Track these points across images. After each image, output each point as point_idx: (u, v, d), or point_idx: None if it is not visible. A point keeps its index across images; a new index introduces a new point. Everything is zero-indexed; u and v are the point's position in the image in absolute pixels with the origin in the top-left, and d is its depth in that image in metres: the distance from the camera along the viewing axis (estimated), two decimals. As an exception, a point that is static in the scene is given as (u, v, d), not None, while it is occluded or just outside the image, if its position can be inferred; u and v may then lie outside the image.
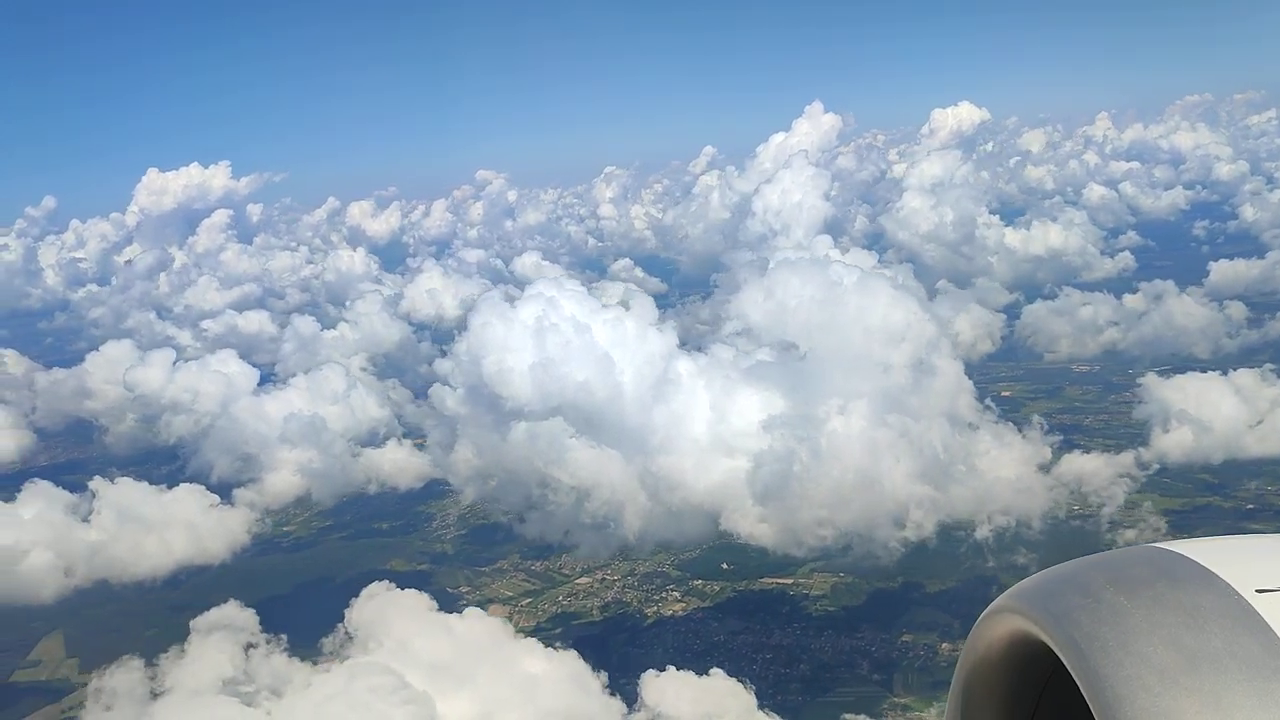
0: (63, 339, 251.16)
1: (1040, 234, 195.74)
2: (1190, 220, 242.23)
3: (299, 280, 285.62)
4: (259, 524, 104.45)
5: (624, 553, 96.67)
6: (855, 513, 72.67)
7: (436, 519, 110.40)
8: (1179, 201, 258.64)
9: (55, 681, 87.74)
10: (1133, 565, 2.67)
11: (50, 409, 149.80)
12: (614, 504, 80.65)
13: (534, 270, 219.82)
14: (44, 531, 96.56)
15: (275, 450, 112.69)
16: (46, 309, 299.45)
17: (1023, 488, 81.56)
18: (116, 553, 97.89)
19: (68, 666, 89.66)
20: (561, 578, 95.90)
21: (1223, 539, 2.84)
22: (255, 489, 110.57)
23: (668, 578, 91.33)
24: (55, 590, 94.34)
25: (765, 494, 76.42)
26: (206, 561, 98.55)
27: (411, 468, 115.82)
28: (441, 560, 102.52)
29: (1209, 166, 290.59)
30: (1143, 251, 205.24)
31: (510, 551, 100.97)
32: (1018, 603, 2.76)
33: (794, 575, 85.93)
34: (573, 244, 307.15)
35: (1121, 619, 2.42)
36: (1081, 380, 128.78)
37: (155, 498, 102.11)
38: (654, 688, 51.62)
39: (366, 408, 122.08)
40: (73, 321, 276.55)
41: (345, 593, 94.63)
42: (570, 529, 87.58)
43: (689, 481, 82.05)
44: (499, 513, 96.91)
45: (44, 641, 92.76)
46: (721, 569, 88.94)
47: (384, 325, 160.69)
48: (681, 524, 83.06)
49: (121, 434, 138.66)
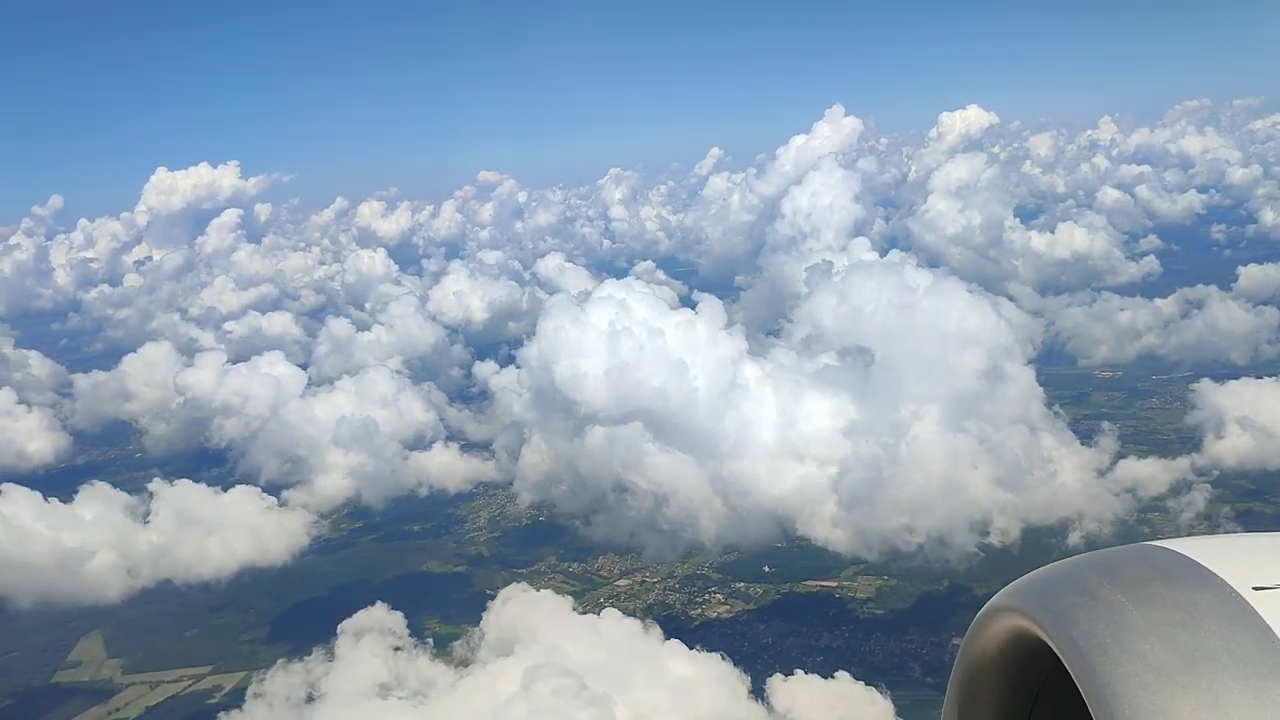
0: (78, 340, 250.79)
1: (1065, 237, 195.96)
2: (1206, 224, 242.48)
3: (313, 281, 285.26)
4: (317, 526, 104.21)
5: (660, 555, 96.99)
6: (937, 518, 72.50)
7: (469, 521, 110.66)
8: (1195, 205, 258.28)
9: (99, 682, 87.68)
10: (1130, 563, 2.70)
11: (86, 411, 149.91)
12: (686, 508, 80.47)
13: (556, 272, 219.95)
14: (106, 533, 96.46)
15: (324, 453, 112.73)
16: (57, 309, 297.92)
17: (1091, 494, 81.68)
18: (157, 553, 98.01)
19: (109, 667, 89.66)
20: (600, 580, 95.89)
21: (1219, 537, 2.88)
22: (304, 491, 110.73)
23: (708, 580, 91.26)
24: (119, 591, 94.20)
25: (846, 499, 76.36)
26: (253, 563, 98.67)
27: (460, 471, 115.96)
28: (478, 562, 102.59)
29: (1220, 170, 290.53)
30: (1165, 255, 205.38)
31: (547, 554, 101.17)
32: (1016, 600, 2.80)
33: (838, 578, 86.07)
34: (587, 245, 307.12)
35: (1119, 617, 2.46)
36: (1107, 386, 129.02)
37: (211, 500, 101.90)
38: (783, 692, 51.71)
39: (413, 411, 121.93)
40: (86, 322, 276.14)
41: (388, 593, 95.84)
42: (635, 531, 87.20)
43: (760, 486, 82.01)
44: (564, 516, 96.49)
45: (83, 642, 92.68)
46: (763, 571, 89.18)
47: (418, 328, 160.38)
48: (748, 527, 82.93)
49: (160, 436, 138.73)
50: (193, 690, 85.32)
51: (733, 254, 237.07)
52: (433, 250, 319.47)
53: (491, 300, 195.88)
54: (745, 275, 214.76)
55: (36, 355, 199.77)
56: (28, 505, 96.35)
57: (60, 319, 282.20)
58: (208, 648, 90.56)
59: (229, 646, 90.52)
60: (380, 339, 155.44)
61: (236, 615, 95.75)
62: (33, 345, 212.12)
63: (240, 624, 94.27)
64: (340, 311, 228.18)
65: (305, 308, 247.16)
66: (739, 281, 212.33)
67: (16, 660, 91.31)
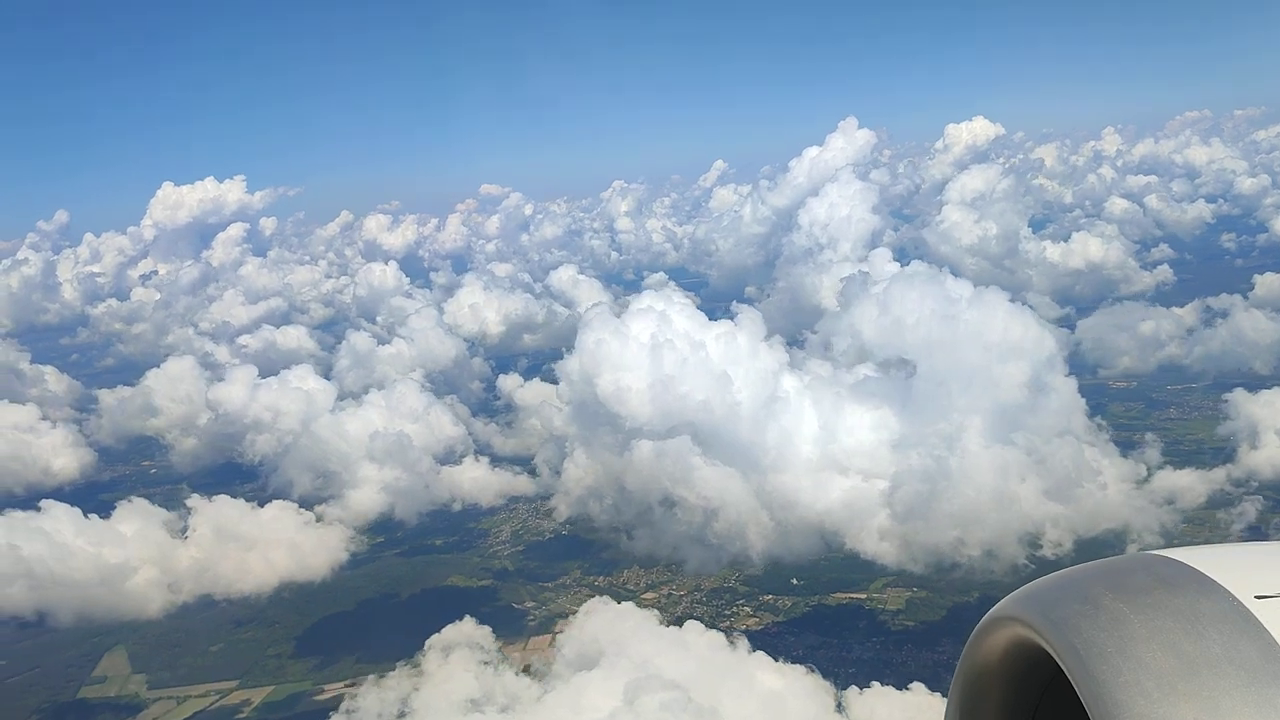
0: (88, 355, 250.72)
1: (1080, 247, 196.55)
2: (1216, 233, 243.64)
3: (321, 295, 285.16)
4: (354, 541, 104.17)
5: (702, 568, 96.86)
6: (988, 531, 72.52)
7: (492, 535, 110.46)
8: (1204, 215, 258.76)
9: (125, 698, 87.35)
10: (1132, 572, 2.71)
11: (108, 426, 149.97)
12: (734, 522, 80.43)
13: (570, 285, 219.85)
14: (146, 549, 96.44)
15: (357, 467, 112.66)
16: (64, 324, 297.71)
17: (1136, 506, 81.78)
18: (199, 568, 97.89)
19: (135, 683, 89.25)
20: (627, 593, 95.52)
21: (1221, 545, 2.88)
22: (337, 506, 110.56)
23: (735, 593, 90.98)
24: (159, 606, 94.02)
25: (899, 511, 76.43)
26: (292, 579, 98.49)
27: (492, 485, 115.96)
28: (503, 576, 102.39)
29: (1227, 180, 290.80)
30: (1178, 265, 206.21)
31: (573, 568, 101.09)
32: (1018, 609, 2.81)
33: (867, 590, 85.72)
34: (595, 257, 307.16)
35: (1120, 625, 2.47)
36: (1124, 396, 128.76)
37: (250, 515, 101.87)
38: (860, 704, 51.62)
39: (442, 425, 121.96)
40: (95, 337, 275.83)
41: (414, 608, 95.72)
42: (678, 545, 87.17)
43: (804, 499, 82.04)
44: (605, 529, 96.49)
45: (107, 657, 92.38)
46: (791, 584, 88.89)
47: (439, 341, 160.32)
48: (792, 540, 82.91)
49: (185, 451, 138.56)
50: (220, 705, 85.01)
51: (744, 265, 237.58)
52: (438, 263, 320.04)
53: (508, 313, 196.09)
54: (756, 286, 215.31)
55: (53, 370, 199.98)
56: (68, 521, 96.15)
57: (69, 334, 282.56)
58: (234, 663, 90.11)
59: (255, 661, 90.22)
60: (402, 353, 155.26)
61: (262, 630, 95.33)
62: (44, 360, 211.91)
63: (266, 639, 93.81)
64: (352, 325, 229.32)
65: (314, 321, 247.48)
66: (749, 293, 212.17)
67: (41, 675, 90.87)
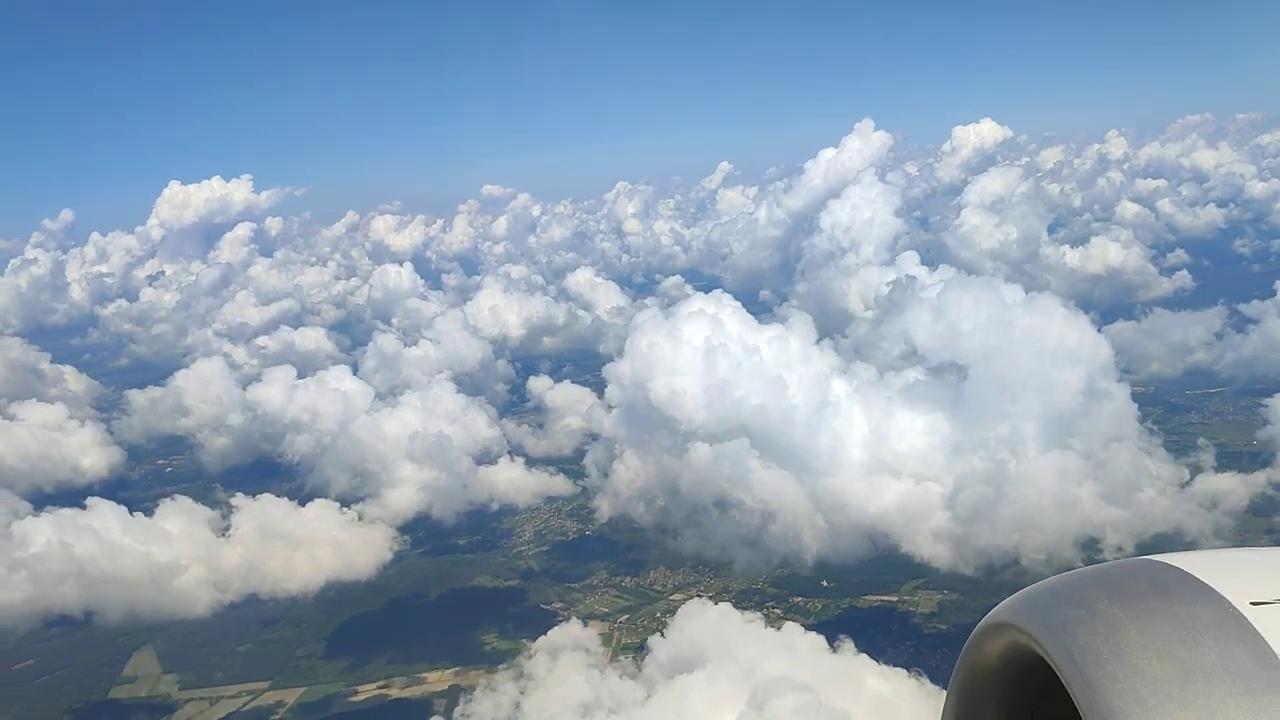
0: (100, 355, 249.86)
1: (1099, 252, 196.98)
2: (1229, 238, 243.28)
3: (331, 296, 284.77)
4: (396, 541, 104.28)
5: (715, 569, 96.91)
6: (1047, 535, 72.71)
7: (516, 536, 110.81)
8: (1217, 220, 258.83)
9: (157, 698, 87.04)
10: (1127, 578, 2.72)
11: (132, 426, 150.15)
12: (789, 524, 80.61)
13: (587, 287, 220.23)
14: (193, 547, 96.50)
15: (394, 467, 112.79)
16: (72, 324, 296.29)
17: (1187, 510, 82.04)
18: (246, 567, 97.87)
19: (166, 683, 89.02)
20: (654, 594, 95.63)
21: (1217, 551, 2.91)
22: (374, 505, 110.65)
23: (765, 595, 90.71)
24: (207, 605, 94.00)
25: (961, 514, 76.62)
26: (338, 578, 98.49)
27: (528, 485, 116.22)
28: (529, 577, 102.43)
29: (1235, 184, 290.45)
30: (1195, 269, 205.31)
31: (598, 568, 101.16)
32: (1014, 615, 2.81)
33: (898, 593, 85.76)
34: (606, 259, 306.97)
35: (1116, 631, 2.47)
36: (1142, 401, 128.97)
37: (293, 514, 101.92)
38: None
39: (478, 426, 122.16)
40: (106, 337, 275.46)
41: (442, 608, 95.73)
42: (727, 545, 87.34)
43: (856, 502, 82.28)
44: (651, 530, 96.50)
45: (135, 656, 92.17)
46: (821, 586, 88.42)
47: (465, 343, 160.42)
48: (844, 543, 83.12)
49: (215, 450, 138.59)
50: (255, 706, 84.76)
51: (758, 268, 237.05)
52: (446, 265, 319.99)
53: (528, 316, 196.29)
54: (771, 290, 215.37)
55: (71, 369, 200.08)
56: (114, 518, 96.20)
57: (79, 334, 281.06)
58: (263, 663, 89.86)
59: (286, 662, 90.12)
60: (429, 354, 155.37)
61: (290, 630, 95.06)
62: (56, 361, 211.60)
63: (294, 639, 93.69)
64: (367, 326, 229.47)
65: (326, 322, 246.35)
66: (764, 297, 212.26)
67: (69, 675, 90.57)
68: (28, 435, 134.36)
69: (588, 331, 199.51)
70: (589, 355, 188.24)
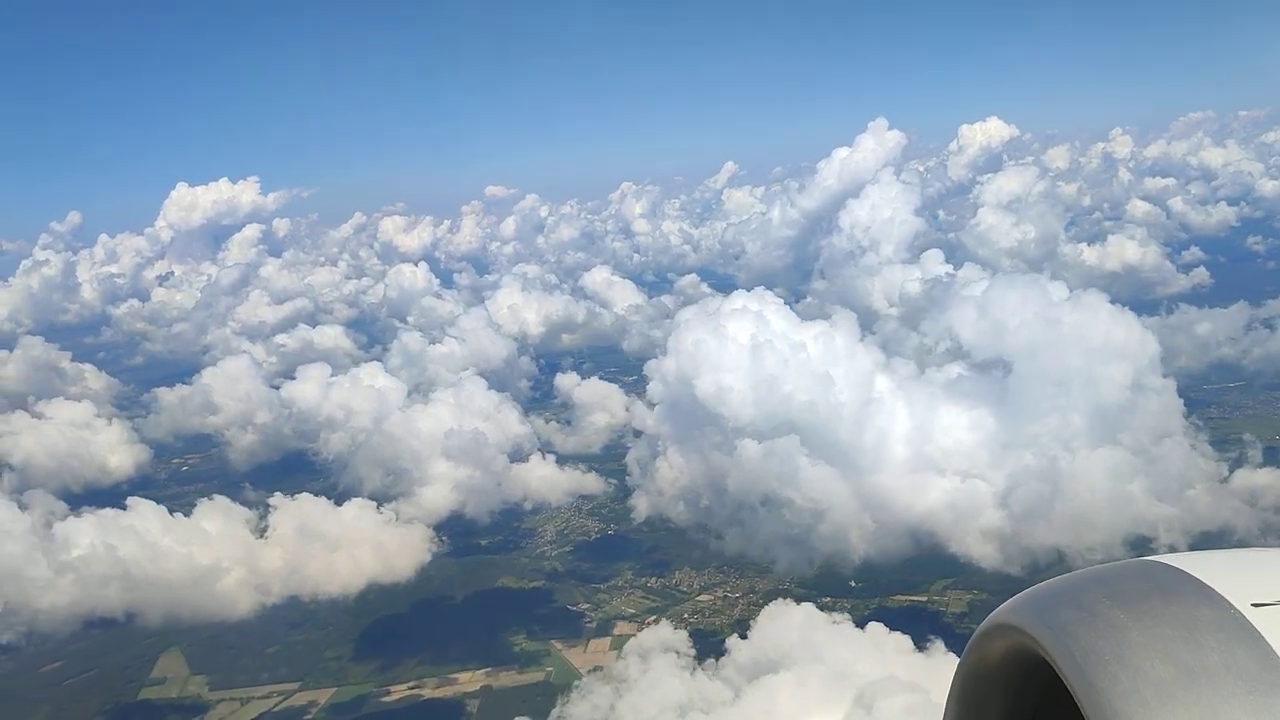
0: (114, 354, 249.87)
1: (1116, 250, 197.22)
2: (1242, 236, 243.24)
3: (343, 296, 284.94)
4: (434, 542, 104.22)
5: (740, 569, 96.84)
6: (1100, 533, 72.68)
7: (538, 536, 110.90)
8: (1228, 218, 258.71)
9: (187, 699, 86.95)
10: (1129, 579, 2.71)
11: (164, 423, 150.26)
12: (836, 523, 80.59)
13: (604, 285, 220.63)
14: (233, 548, 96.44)
15: (427, 465, 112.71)
16: (84, 324, 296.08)
17: (1232, 506, 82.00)
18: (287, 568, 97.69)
19: (195, 684, 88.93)
20: (680, 594, 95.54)
21: (1219, 552, 2.90)
22: (408, 504, 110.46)
23: (793, 595, 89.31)
24: (248, 607, 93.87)
25: (1017, 511, 76.51)
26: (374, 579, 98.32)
27: (561, 483, 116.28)
28: (554, 577, 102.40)
29: (1244, 183, 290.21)
30: (1211, 267, 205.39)
31: (623, 569, 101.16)
32: (1015, 616, 2.80)
33: (927, 593, 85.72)
34: (617, 259, 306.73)
35: (1118, 633, 2.46)
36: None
37: (332, 514, 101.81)
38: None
39: (509, 423, 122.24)
40: (118, 337, 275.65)
41: (469, 609, 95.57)
42: (769, 545, 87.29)
43: (902, 500, 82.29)
44: (695, 529, 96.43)
45: (163, 658, 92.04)
46: (850, 586, 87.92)
47: (489, 341, 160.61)
48: (889, 542, 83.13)
49: (242, 448, 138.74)
50: (287, 706, 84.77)
51: (772, 267, 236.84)
52: (456, 264, 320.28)
53: (548, 314, 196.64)
54: (785, 288, 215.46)
55: (91, 368, 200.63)
56: (155, 518, 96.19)
57: (93, 333, 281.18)
58: (292, 664, 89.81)
59: (314, 663, 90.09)
60: (453, 352, 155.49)
61: (316, 632, 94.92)
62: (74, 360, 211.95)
63: (321, 641, 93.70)
64: (384, 324, 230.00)
65: (338, 321, 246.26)
66: (778, 295, 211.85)
67: (98, 677, 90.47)
68: (56, 433, 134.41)
69: (607, 329, 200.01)
70: (609, 352, 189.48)
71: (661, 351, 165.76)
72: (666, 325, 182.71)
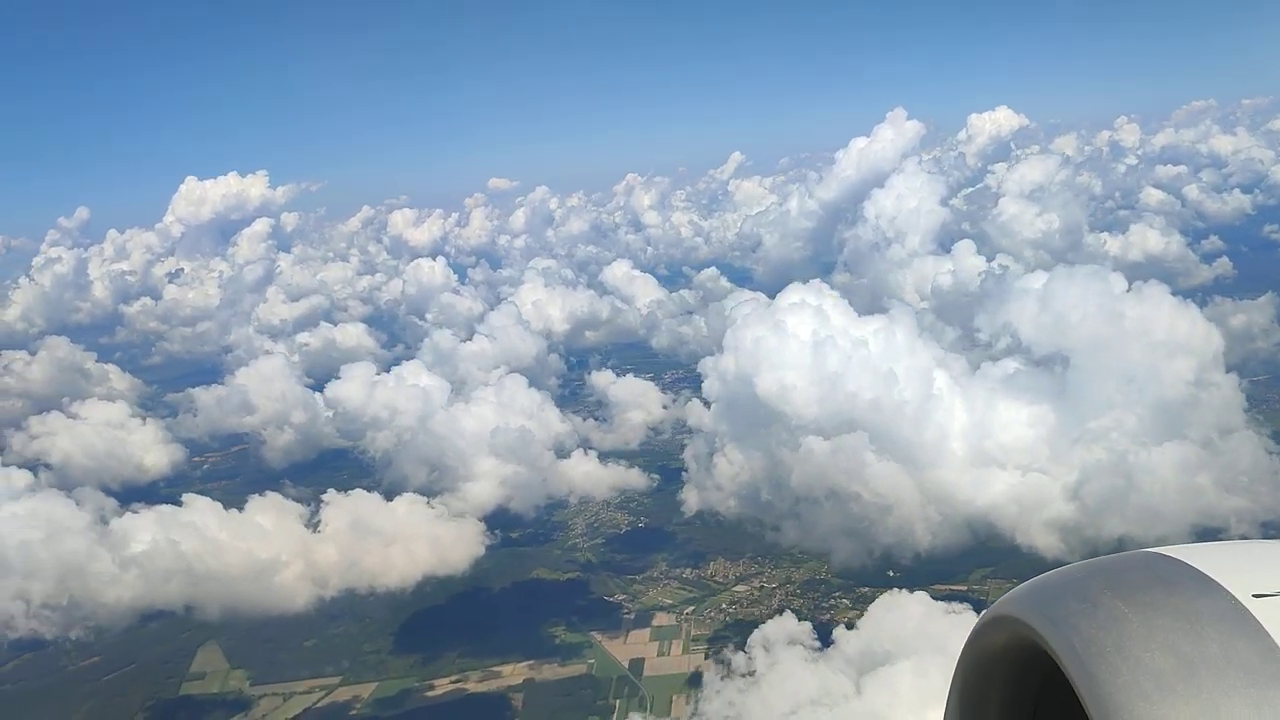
0: (130, 353, 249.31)
1: (1139, 240, 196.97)
2: (1258, 225, 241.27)
3: (356, 292, 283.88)
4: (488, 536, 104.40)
5: (774, 559, 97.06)
6: (1167, 525, 72.69)
7: (569, 528, 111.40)
8: (1244, 206, 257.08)
9: (229, 694, 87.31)
10: (1130, 570, 2.72)
11: (199, 422, 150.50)
12: (902, 517, 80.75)
13: (625, 280, 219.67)
14: (290, 543, 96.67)
15: (472, 461, 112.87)
16: (96, 323, 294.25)
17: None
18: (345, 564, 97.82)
19: (236, 679, 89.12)
20: (717, 585, 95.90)
21: (1220, 544, 2.91)
22: (454, 499, 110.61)
23: (830, 585, 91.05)
24: (307, 600, 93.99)
25: (1090, 504, 76.55)
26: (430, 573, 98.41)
27: (604, 479, 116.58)
28: (589, 569, 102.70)
29: (1255, 170, 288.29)
30: (1232, 256, 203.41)
31: (658, 560, 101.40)
32: (1016, 608, 2.81)
33: (965, 582, 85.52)
34: (631, 252, 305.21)
35: (1119, 624, 2.47)
36: None
37: (385, 510, 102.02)
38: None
39: (550, 420, 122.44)
40: (133, 335, 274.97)
41: (506, 601, 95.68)
42: (828, 538, 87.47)
43: (963, 494, 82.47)
44: (752, 523, 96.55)
45: (201, 653, 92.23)
46: (888, 576, 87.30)
47: (519, 338, 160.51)
48: (950, 534, 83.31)
49: (279, 446, 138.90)
50: (330, 701, 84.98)
51: (789, 259, 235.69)
52: (465, 259, 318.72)
53: (572, 310, 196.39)
54: (802, 281, 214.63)
55: (115, 368, 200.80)
56: (212, 515, 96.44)
57: (107, 332, 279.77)
58: (331, 659, 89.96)
59: (354, 657, 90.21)
60: (485, 350, 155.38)
61: (354, 626, 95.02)
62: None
63: (359, 634, 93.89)
64: (402, 321, 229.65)
65: (354, 318, 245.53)
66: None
67: (136, 672, 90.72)
68: (93, 433, 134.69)
69: (632, 325, 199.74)
70: (634, 348, 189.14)
71: (689, 347, 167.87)
72: (695, 321, 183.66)
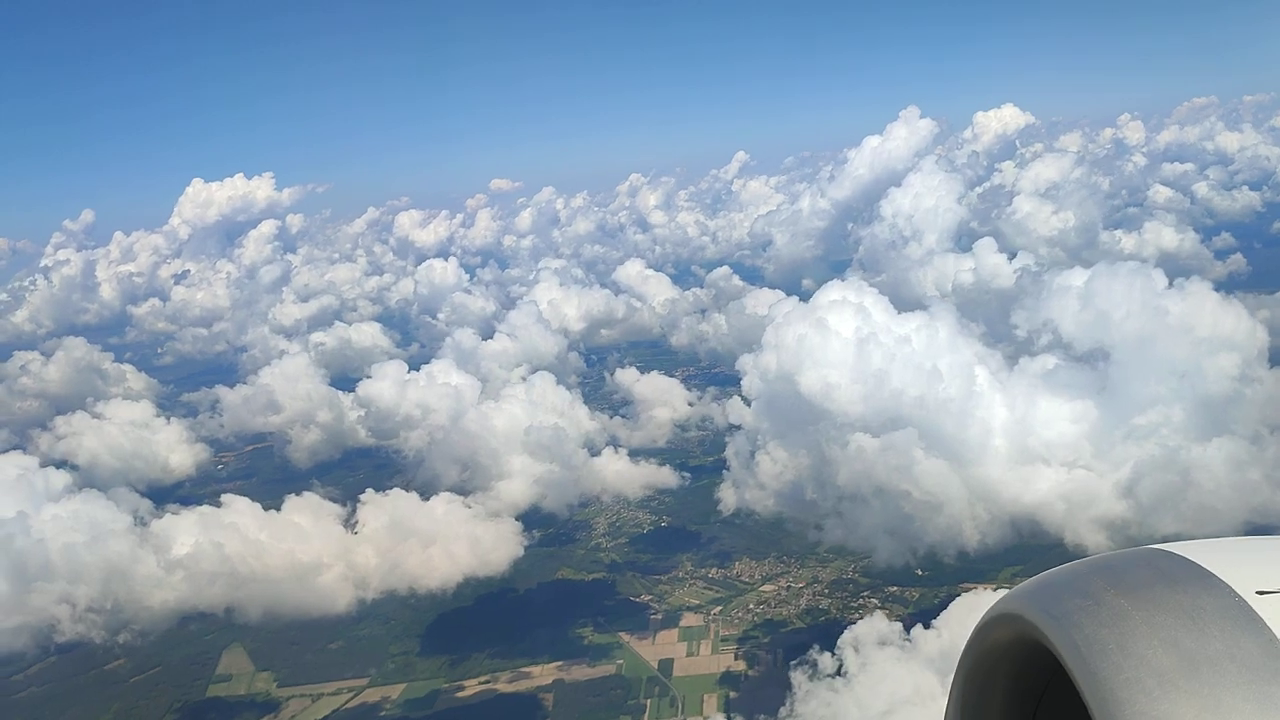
0: (141, 353, 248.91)
1: (1153, 236, 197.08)
2: (1268, 221, 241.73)
3: (365, 292, 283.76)
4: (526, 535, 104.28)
5: (800, 559, 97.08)
6: (1221, 523, 72.59)
7: (592, 529, 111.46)
8: (1253, 203, 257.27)
9: (257, 695, 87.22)
10: (1133, 567, 2.72)
11: (226, 423, 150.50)
12: (951, 515, 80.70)
13: (638, 279, 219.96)
14: (330, 544, 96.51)
15: (504, 460, 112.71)
16: (104, 324, 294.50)
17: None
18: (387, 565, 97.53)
19: (262, 680, 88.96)
20: (743, 585, 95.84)
21: (1223, 540, 2.91)
22: (486, 498, 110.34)
23: (858, 585, 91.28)
24: (349, 602, 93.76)
25: (1131, 502, 76.64)
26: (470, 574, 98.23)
27: (635, 477, 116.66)
28: (615, 569, 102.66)
29: (1262, 167, 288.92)
30: (1246, 252, 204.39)
31: (683, 560, 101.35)
32: (1019, 605, 2.82)
33: (995, 580, 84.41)
34: (639, 251, 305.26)
35: (1121, 621, 2.48)
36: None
37: (423, 510, 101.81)
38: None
39: (580, 419, 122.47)
40: (142, 336, 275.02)
41: (533, 603, 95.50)
42: (870, 536, 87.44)
43: (1012, 491, 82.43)
44: (793, 522, 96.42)
45: (226, 655, 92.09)
46: (916, 575, 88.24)
47: (540, 337, 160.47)
48: (996, 532, 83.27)
49: (304, 446, 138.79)
50: (359, 702, 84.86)
51: (800, 258, 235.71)
52: (470, 259, 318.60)
53: (588, 309, 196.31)
54: (813, 279, 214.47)
55: (131, 369, 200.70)
56: (250, 515, 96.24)
57: (116, 333, 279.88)
58: (358, 660, 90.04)
59: (381, 659, 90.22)
60: (507, 349, 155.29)
61: (379, 627, 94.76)
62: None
63: (385, 636, 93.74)
64: (414, 320, 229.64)
65: (364, 318, 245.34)
66: (806, 285, 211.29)
67: (162, 674, 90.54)
68: (119, 433, 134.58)
69: (647, 324, 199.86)
70: (650, 346, 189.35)
71: (708, 345, 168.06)
72: (714, 319, 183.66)
